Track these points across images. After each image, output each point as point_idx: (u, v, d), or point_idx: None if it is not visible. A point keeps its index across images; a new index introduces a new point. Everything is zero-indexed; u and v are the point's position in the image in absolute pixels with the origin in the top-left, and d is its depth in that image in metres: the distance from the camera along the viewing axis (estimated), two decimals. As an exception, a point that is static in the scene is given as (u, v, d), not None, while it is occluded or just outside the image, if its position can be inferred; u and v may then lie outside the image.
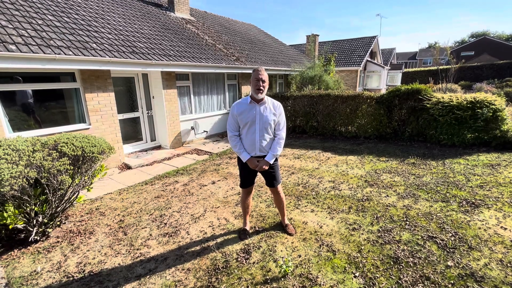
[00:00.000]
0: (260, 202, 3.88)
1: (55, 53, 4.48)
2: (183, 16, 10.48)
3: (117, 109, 5.87)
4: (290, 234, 2.99)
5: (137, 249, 2.91)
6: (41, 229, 3.12)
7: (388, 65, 25.37)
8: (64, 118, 5.36)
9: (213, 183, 4.72)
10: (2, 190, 2.46)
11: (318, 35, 18.12)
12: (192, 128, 7.96)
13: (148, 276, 2.50)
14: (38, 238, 3.12)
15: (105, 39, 5.84)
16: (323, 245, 2.83)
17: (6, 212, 2.68)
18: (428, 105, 6.33)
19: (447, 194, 3.84)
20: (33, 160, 2.70)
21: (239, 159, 2.84)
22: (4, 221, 2.71)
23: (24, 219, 2.88)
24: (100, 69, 5.26)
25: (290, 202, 3.85)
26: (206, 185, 4.62)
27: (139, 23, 7.74)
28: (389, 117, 7.07)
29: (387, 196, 3.91)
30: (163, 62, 6.25)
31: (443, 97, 6.30)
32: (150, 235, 3.17)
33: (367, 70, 20.93)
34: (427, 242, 2.80)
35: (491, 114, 5.66)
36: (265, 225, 3.26)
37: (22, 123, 4.87)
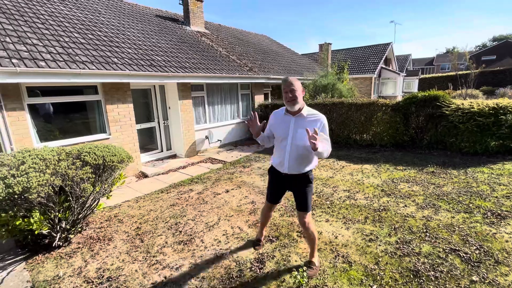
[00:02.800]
0: (274, 211, 3.86)
1: (80, 68, 4.77)
2: (198, 30, 10.87)
3: (135, 120, 6.11)
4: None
5: (153, 256, 2.97)
6: (64, 235, 3.26)
7: (404, 72, 24.87)
8: (86, 128, 5.63)
9: (227, 191, 4.76)
10: (30, 197, 2.61)
11: (331, 44, 18.16)
12: (206, 137, 8.11)
13: (163, 284, 2.53)
14: (61, 243, 3.25)
15: (125, 53, 6.15)
16: (338, 256, 2.77)
17: (33, 218, 2.83)
18: (447, 112, 6.13)
19: (470, 205, 3.67)
20: (59, 169, 2.86)
21: (269, 171, 2.61)
22: (31, 227, 2.86)
23: (48, 225, 3.03)
24: (121, 81, 5.53)
25: (304, 211, 3.80)
26: (220, 194, 4.66)
27: (157, 38, 8.11)
28: (406, 124, 6.90)
29: (405, 206, 3.78)
30: (179, 74, 6.48)
31: (463, 104, 6.09)
32: (166, 242, 3.23)
33: (381, 77, 20.62)
34: (449, 255, 2.67)
35: (516, 120, 5.40)
36: (279, 235, 3.23)
37: (48, 134, 5.16)
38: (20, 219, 2.81)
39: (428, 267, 2.52)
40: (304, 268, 2.43)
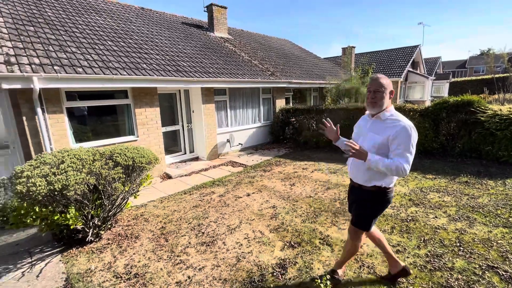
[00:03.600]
0: (296, 217, 3.82)
1: (113, 74, 5.08)
2: (221, 36, 11.14)
3: (161, 123, 6.36)
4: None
5: (177, 256, 3.05)
6: (95, 231, 3.45)
7: (433, 75, 23.66)
8: (116, 130, 5.95)
9: (248, 195, 4.79)
10: (68, 194, 2.81)
11: (354, 47, 17.77)
12: (228, 140, 8.24)
13: (187, 284, 2.60)
14: (92, 239, 3.45)
15: (153, 59, 6.45)
16: (363, 266, 2.68)
17: (69, 213, 3.04)
18: (482, 118, 5.75)
19: (510, 219, 3.39)
20: (93, 168, 3.05)
21: (378, 194, 2.06)
22: (67, 222, 3.06)
23: (82, 220, 3.23)
24: (149, 86, 5.80)
25: (327, 218, 3.73)
26: (241, 197, 4.70)
27: (182, 44, 8.42)
28: (436, 131, 6.55)
29: (436, 217, 3.58)
30: (203, 78, 6.67)
31: (500, 109, 5.68)
32: (189, 243, 3.31)
33: (408, 81, 19.78)
34: (486, 272, 2.49)
35: None
36: (301, 241, 3.19)
37: (82, 135, 5.52)
38: (58, 214, 3.02)
39: (463, 283, 2.36)
40: (328, 277, 2.38)
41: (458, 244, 2.95)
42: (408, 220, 3.53)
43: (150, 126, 6.14)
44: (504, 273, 2.45)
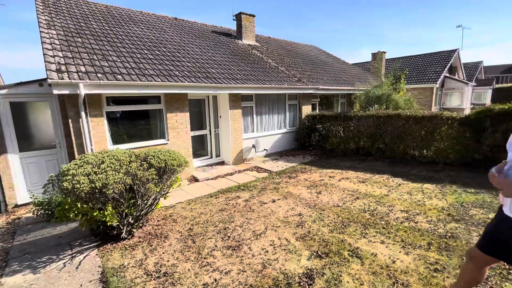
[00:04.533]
0: (323, 226, 3.72)
1: (148, 80, 5.39)
2: (249, 43, 11.36)
3: (190, 127, 6.60)
4: None
5: (204, 258, 3.11)
6: (128, 229, 3.64)
7: (473, 81, 21.98)
8: (148, 134, 6.28)
9: (273, 201, 4.76)
10: (107, 192, 3.01)
11: (385, 52, 17.14)
12: (253, 146, 8.29)
13: (214, 286, 2.63)
14: (126, 236, 3.64)
15: (185, 67, 6.75)
16: (397, 283, 2.52)
17: (107, 211, 3.24)
18: (534, 128, 5.20)
19: None
20: (130, 169, 3.23)
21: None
22: (104, 218, 3.27)
23: (117, 218, 3.42)
24: (180, 92, 6.07)
25: (356, 229, 3.58)
26: (266, 203, 4.69)
27: (212, 52, 8.72)
28: (478, 141, 6.04)
29: (480, 235, 3.27)
30: (231, 85, 6.83)
31: (557, 119, 5.10)
32: (216, 246, 3.35)
33: (445, 87, 18.57)
34: (543, 301, 2.21)
35: None
36: (329, 251, 3.09)
37: (118, 137, 5.89)
38: (97, 211, 3.24)
39: (514, 312, 2.12)
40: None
41: (507, 267, 2.66)
42: (447, 237, 3.27)
43: (180, 130, 6.39)
44: None
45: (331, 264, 2.85)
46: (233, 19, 11.67)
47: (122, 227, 3.51)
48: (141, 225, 3.96)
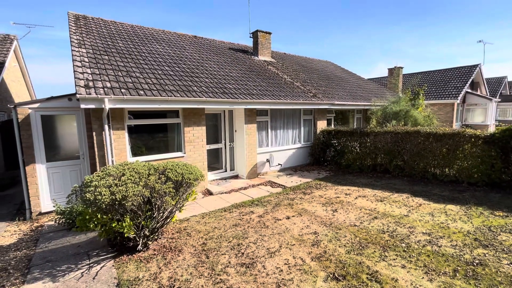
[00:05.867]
0: (339, 246, 3.60)
1: (168, 96, 5.61)
2: (265, 59, 11.63)
3: (206, 141, 6.73)
4: None
5: (218, 274, 3.08)
6: (144, 241, 3.69)
7: (497, 97, 21.11)
8: (165, 146, 6.45)
9: (288, 218, 4.68)
10: (126, 204, 3.09)
11: (402, 67, 16.94)
12: (267, 160, 8.29)
13: (226, 305, 2.58)
14: (141, 248, 3.69)
15: (203, 82, 6.99)
16: (420, 312, 2.37)
17: (125, 222, 3.32)
18: None
19: None
20: (148, 182, 3.32)
21: None
22: (122, 230, 3.34)
23: (134, 230, 3.49)
24: (198, 107, 6.25)
25: (375, 251, 3.44)
26: (280, 220, 4.62)
27: (229, 68, 8.99)
28: (505, 160, 5.74)
29: (511, 263, 3.04)
30: (247, 100, 6.96)
31: None
32: (229, 262, 3.32)
33: (467, 103, 17.94)
34: None
35: None
36: (346, 274, 2.97)
37: (137, 150, 6.09)
38: (116, 222, 3.32)
39: None
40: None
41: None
42: (475, 264, 3.06)
43: (196, 144, 6.53)
44: None
45: (348, 288, 2.73)
46: (250, 37, 12.05)
47: (138, 239, 3.57)
48: (156, 237, 4.00)
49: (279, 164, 8.66)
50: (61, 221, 4.56)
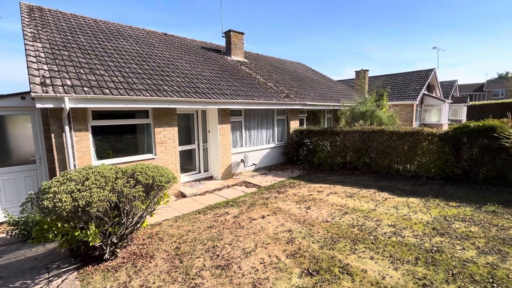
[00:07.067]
0: (313, 242, 3.70)
1: (137, 95, 5.34)
2: (238, 59, 11.60)
3: (178, 142, 6.53)
4: None
5: (192, 279, 2.99)
6: (112, 249, 3.47)
7: (449, 98, 23.30)
8: (134, 148, 6.14)
9: (263, 217, 4.71)
10: (91, 211, 2.88)
11: (368, 70, 17.94)
12: (242, 160, 8.28)
13: (202, 309, 2.52)
14: (109, 257, 3.46)
15: (174, 81, 6.77)
16: (387, 300, 2.52)
17: (89, 230, 3.09)
18: (507, 144, 5.53)
19: (548, 254, 3.14)
20: (116, 186, 3.13)
21: None
22: (87, 238, 3.11)
23: (100, 238, 3.26)
24: (169, 107, 6.04)
25: (346, 245, 3.59)
26: (255, 219, 4.63)
27: (201, 67, 8.82)
28: (457, 156, 6.34)
29: (464, 249, 3.37)
30: (220, 100, 6.88)
31: (526, 135, 5.46)
32: (204, 265, 3.25)
33: (424, 104, 19.54)
34: (526, 314, 2.28)
35: None
36: (319, 269, 3.07)
37: (103, 152, 5.72)
38: (79, 230, 3.08)
39: (500, 326, 2.16)
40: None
41: (491, 280, 2.74)
42: (434, 251, 3.34)
43: (168, 145, 6.31)
44: (546, 316, 2.24)
45: (322, 282, 2.82)
46: (222, 36, 11.95)
47: (105, 247, 3.35)
48: (125, 244, 3.79)
49: (253, 164, 8.69)
50: (14, 233, 4.12)
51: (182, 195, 6.28)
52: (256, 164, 8.78)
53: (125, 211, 3.33)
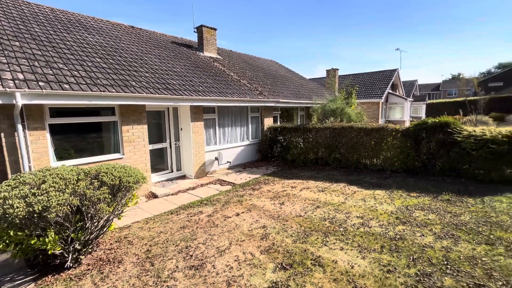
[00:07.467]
0: (286, 237, 3.78)
1: (101, 91, 5.01)
2: (211, 55, 11.39)
3: (148, 140, 6.26)
4: None
5: (164, 281, 2.90)
6: (75, 256, 3.23)
7: (411, 97, 25.07)
8: (100, 148, 5.77)
9: (237, 215, 4.70)
10: (49, 216, 2.65)
11: (338, 69, 18.64)
12: (216, 158, 8.17)
13: (174, 311, 2.45)
14: (71, 264, 3.22)
15: (143, 77, 6.45)
16: (356, 287, 2.65)
17: (48, 237, 2.85)
18: (459, 139, 6.09)
19: (491, 236, 3.52)
20: (77, 188, 2.91)
21: None
22: (45, 246, 2.86)
23: (61, 245, 3.02)
24: (138, 104, 5.75)
25: (318, 238, 3.71)
26: (230, 217, 4.61)
27: (172, 63, 8.51)
28: (417, 150, 6.85)
29: (423, 235, 3.65)
30: (192, 97, 6.71)
31: (474, 130, 6.06)
32: (177, 267, 3.16)
33: (389, 102, 20.81)
34: (474, 290, 2.54)
35: (531, 148, 5.32)
36: (292, 262, 3.14)
37: (64, 152, 5.30)
38: (35, 238, 2.82)
39: (453, 303, 2.39)
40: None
41: (445, 262, 3.00)
42: (397, 239, 3.58)
43: (137, 144, 6.02)
44: (490, 291, 2.51)
45: (295, 275, 2.89)
46: (194, 31, 11.64)
47: (67, 255, 3.11)
48: (90, 250, 3.55)
49: (228, 162, 8.62)
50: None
51: (154, 196, 6.04)
52: (230, 162, 8.73)
53: (89, 215, 3.12)
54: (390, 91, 20.37)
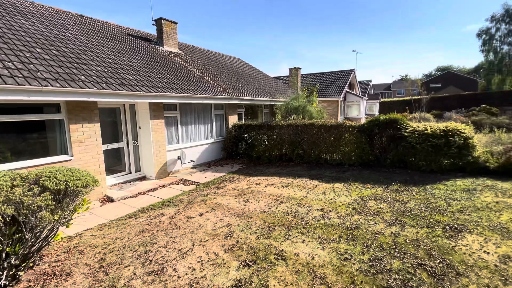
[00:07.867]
0: (250, 234, 3.79)
1: (42, 85, 4.46)
2: (171, 50, 10.90)
3: (101, 140, 5.77)
4: None
5: (120, 291, 2.70)
6: (11, 273, 2.85)
7: (366, 96, 27.03)
8: (43, 149, 5.17)
9: (201, 214, 4.59)
10: (-27, 230, 2.28)
11: (300, 68, 19.26)
12: (179, 157, 7.88)
13: (131, 322, 2.30)
14: (7, 283, 2.83)
15: (93, 71, 5.91)
16: (316, 277, 2.77)
17: (-25, 254, 2.46)
18: (405, 134, 6.73)
19: (431, 220, 3.96)
20: (12, 196, 2.55)
21: None
22: (-29, 265, 2.47)
23: (-7, 261, 2.64)
24: (87, 100, 5.25)
25: (281, 232, 3.80)
26: (193, 217, 4.48)
27: (128, 56, 7.95)
28: (371, 145, 7.40)
29: (375, 223, 3.96)
30: (151, 93, 6.35)
31: (418, 126, 6.75)
32: (134, 274, 2.97)
33: (347, 100, 22.15)
34: (417, 269, 2.82)
35: (462, 141, 6.10)
36: (256, 258, 3.16)
37: (-2, 155, 4.64)
38: (-42, 256, 2.42)
39: (400, 283, 2.63)
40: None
41: (394, 246, 3.30)
42: (353, 228, 3.83)
43: (88, 144, 5.51)
44: (430, 268, 2.82)
45: (258, 271, 2.91)
46: (153, 24, 11.02)
47: (1, 272, 2.72)
48: (31, 264, 3.16)
49: (191, 160, 8.38)
50: None
51: (109, 200, 5.61)
52: (194, 161, 8.49)
53: (29, 225, 2.76)
54: (348, 90, 21.70)
